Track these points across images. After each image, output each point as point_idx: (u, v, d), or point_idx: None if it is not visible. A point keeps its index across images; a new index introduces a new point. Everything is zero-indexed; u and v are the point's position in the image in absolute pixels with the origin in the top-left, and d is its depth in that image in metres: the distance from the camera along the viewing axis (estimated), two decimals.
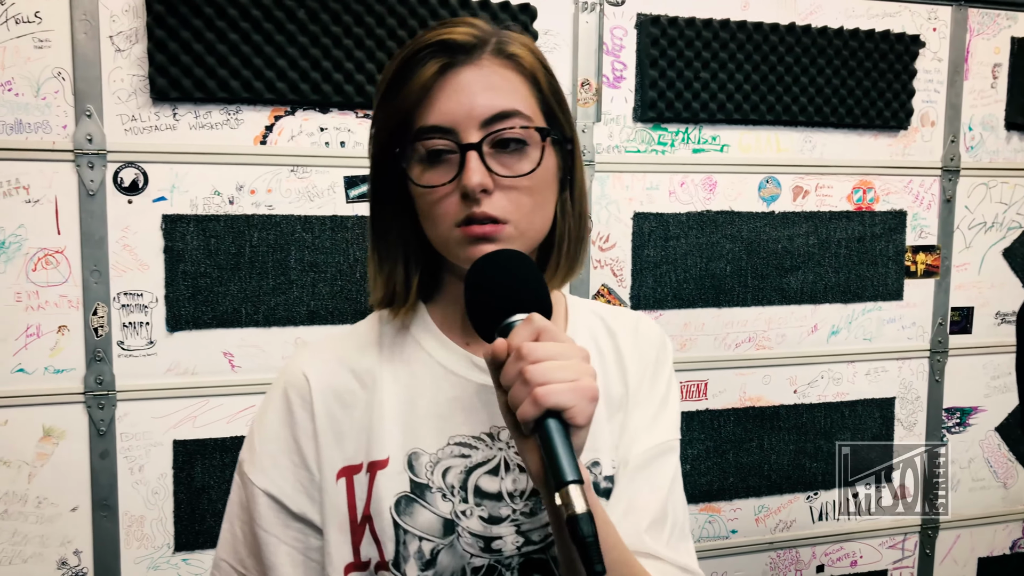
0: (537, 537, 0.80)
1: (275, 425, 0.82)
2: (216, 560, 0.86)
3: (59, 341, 1.77)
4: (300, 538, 0.81)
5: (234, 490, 0.86)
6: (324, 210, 1.90)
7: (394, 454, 0.79)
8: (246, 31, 1.79)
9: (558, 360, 0.64)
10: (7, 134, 1.71)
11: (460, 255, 0.75)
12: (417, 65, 0.73)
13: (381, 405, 0.81)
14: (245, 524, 0.83)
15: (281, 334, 1.89)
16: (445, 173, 0.74)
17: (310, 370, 0.82)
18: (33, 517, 1.77)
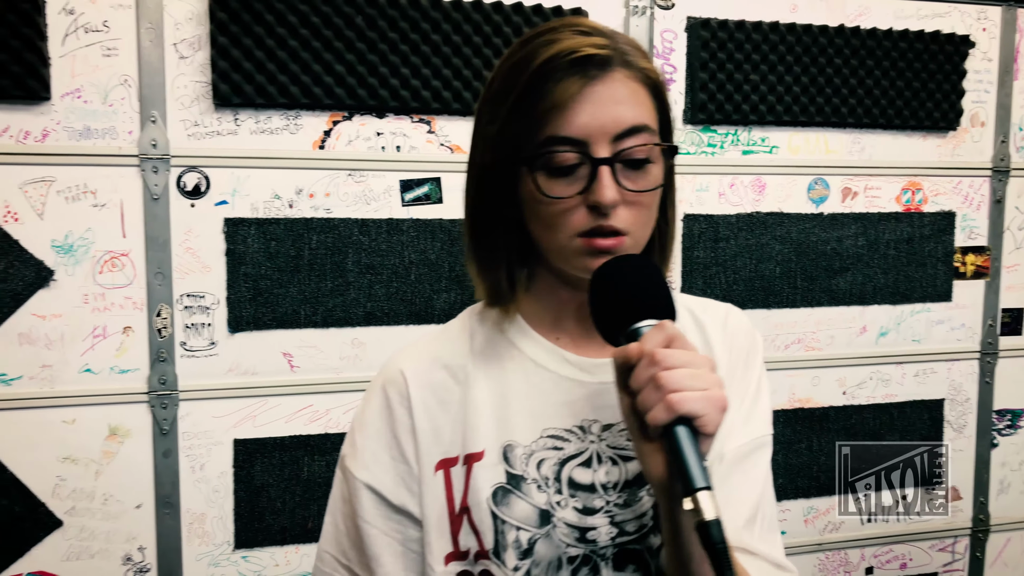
0: (631, 528, 0.81)
1: (375, 421, 0.85)
2: (320, 552, 0.90)
3: (124, 342, 1.81)
4: (400, 530, 0.84)
5: (336, 484, 0.89)
6: (380, 213, 1.93)
7: (489, 446, 0.82)
8: (306, 38, 1.82)
9: (689, 368, 0.66)
10: (76, 140, 1.75)
11: (578, 264, 0.77)
12: (555, 75, 0.74)
13: (475, 399, 0.83)
14: (347, 517, 0.86)
15: (339, 335, 1.92)
16: (571, 184, 0.75)
17: (407, 368, 0.85)
18: (100, 514, 1.81)
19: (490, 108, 0.79)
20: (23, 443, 1.76)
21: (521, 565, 0.79)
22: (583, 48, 0.74)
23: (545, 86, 0.74)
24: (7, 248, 1.73)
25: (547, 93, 0.73)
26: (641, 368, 0.67)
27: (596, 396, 0.83)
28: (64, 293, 1.77)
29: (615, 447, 0.82)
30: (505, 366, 0.85)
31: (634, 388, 0.68)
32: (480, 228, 0.83)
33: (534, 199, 0.77)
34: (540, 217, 0.78)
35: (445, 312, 1.97)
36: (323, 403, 1.92)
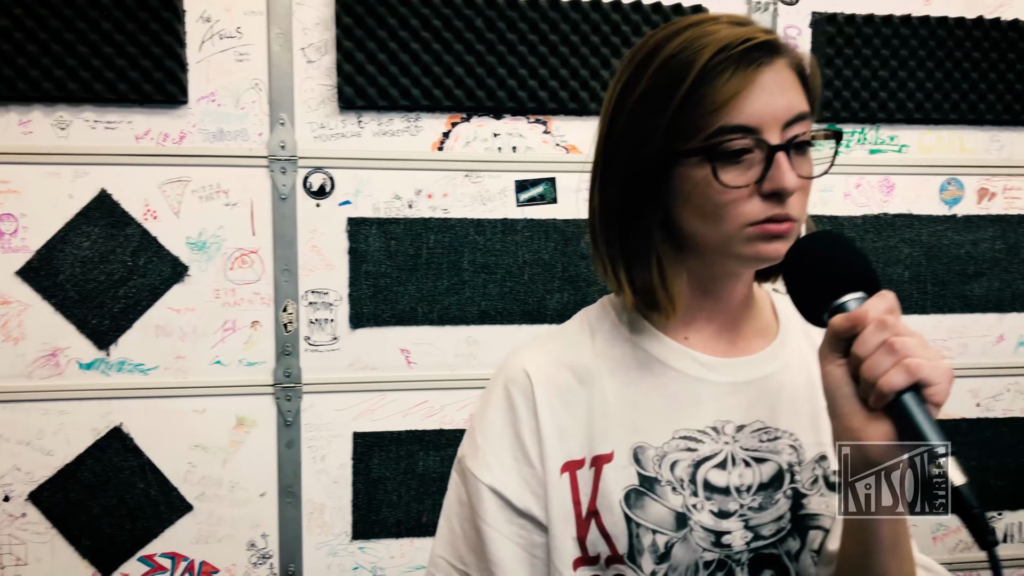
0: (767, 532, 0.79)
1: (497, 422, 0.83)
2: (433, 557, 0.87)
3: (252, 336, 1.88)
4: (524, 534, 0.82)
5: (452, 486, 0.87)
6: (496, 213, 1.94)
7: (619, 448, 0.80)
8: (427, 40, 1.85)
9: (916, 338, 0.65)
10: (210, 142, 1.83)
11: (746, 252, 0.75)
12: (727, 64, 0.72)
13: (601, 400, 0.81)
14: (466, 520, 0.84)
15: (454, 333, 1.94)
16: (744, 173, 0.73)
17: (531, 367, 0.83)
18: (227, 500, 1.89)
19: (641, 104, 0.77)
20: (158, 430, 1.86)
21: (658, 570, 0.77)
22: (756, 35, 0.73)
23: (719, 76, 0.72)
24: (147, 244, 1.82)
25: (721, 82, 0.72)
26: (870, 333, 0.65)
27: (728, 396, 0.81)
28: (197, 288, 1.85)
29: (749, 448, 0.80)
30: (631, 366, 0.83)
31: (861, 354, 0.65)
32: (627, 226, 0.81)
33: (699, 191, 0.75)
34: (703, 208, 0.75)
35: (558, 312, 1.96)
36: (438, 399, 1.95)
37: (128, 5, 1.75)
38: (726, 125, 0.72)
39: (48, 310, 1.80)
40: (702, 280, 0.82)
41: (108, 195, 1.80)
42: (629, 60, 0.80)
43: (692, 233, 0.78)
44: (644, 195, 0.79)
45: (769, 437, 0.81)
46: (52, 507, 1.83)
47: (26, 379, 1.80)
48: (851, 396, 0.67)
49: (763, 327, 0.87)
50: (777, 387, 0.83)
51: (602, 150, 0.82)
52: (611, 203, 0.81)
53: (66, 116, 1.78)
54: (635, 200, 0.79)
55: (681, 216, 0.78)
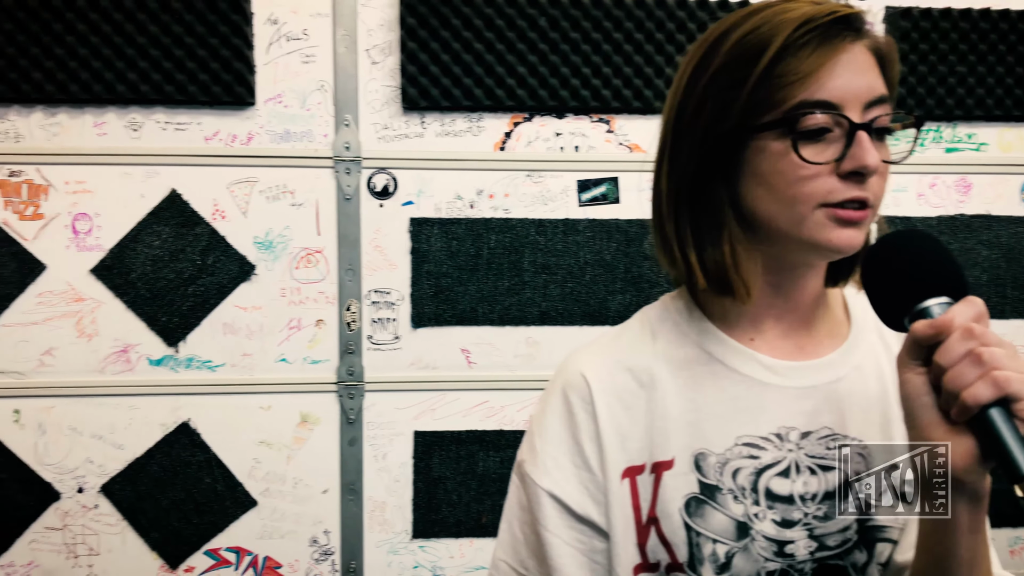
0: (833, 543, 0.76)
1: (555, 426, 0.82)
2: (495, 560, 0.87)
3: (316, 334, 1.90)
4: (584, 540, 0.81)
5: (512, 491, 0.86)
6: (557, 213, 1.93)
7: (679, 454, 0.78)
8: (490, 41, 1.85)
9: (1005, 348, 0.62)
10: (277, 143, 1.86)
11: (818, 237, 0.72)
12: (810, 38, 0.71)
13: (663, 405, 0.80)
14: (526, 525, 0.83)
15: (514, 333, 1.94)
16: (822, 151, 0.71)
17: (589, 371, 0.82)
18: (290, 497, 1.92)
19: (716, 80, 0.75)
20: (225, 426, 1.89)
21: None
22: (840, 9, 0.71)
23: (801, 49, 0.70)
24: (215, 243, 1.86)
25: (804, 55, 0.70)
26: (955, 341, 0.62)
27: (793, 401, 0.78)
28: (264, 287, 1.88)
29: (814, 456, 0.78)
30: (693, 369, 0.81)
31: (945, 363, 0.63)
32: (697, 205, 0.78)
33: (774, 167, 0.72)
34: (777, 186, 0.73)
35: (619, 314, 1.94)
36: (498, 400, 1.94)
37: (198, 8, 1.78)
38: (807, 100, 0.70)
39: (120, 307, 1.85)
40: (773, 272, 0.79)
41: (178, 195, 1.84)
42: (701, 43, 0.78)
43: (763, 215, 0.75)
44: (716, 173, 0.76)
45: (836, 444, 0.79)
46: (123, 499, 1.88)
47: (99, 374, 1.85)
48: (931, 407, 0.65)
49: (834, 328, 0.84)
50: (846, 392, 0.80)
51: (671, 131, 0.80)
52: (681, 182, 0.79)
53: (138, 118, 1.82)
54: (706, 178, 0.77)
55: (753, 196, 0.75)
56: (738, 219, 0.77)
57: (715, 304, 0.82)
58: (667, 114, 0.81)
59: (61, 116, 1.80)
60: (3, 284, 1.81)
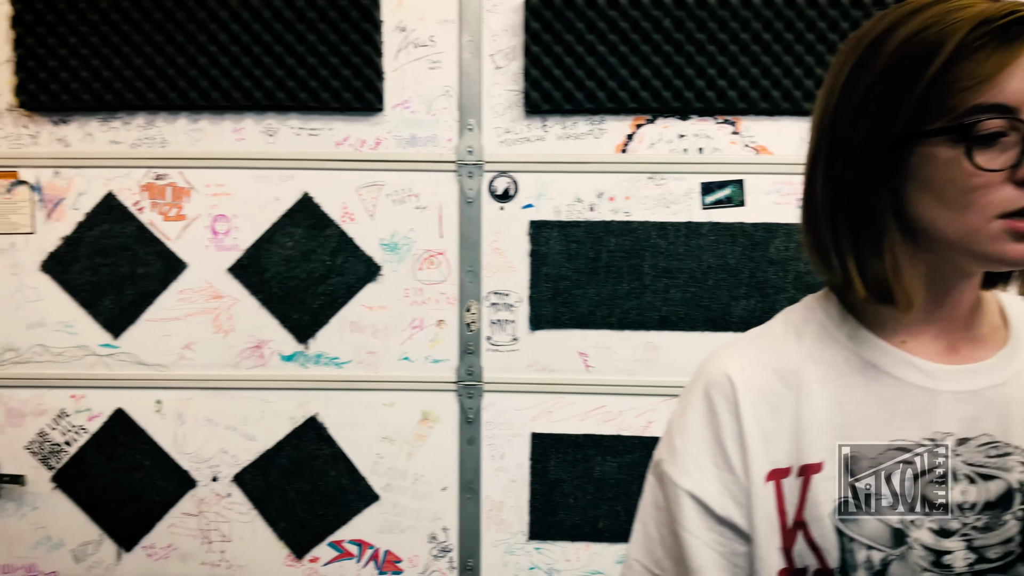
0: (994, 555, 0.73)
1: (697, 426, 0.82)
2: (628, 560, 0.87)
3: (437, 334, 1.94)
4: (724, 542, 0.80)
5: (648, 490, 0.86)
6: (679, 216, 1.90)
7: (828, 458, 0.76)
8: (614, 43, 1.84)
9: None
10: (403, 147, 1.91)
11: (990, 251, 0.70)
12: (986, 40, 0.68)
13: (810, 407, 0.78)
14: (663, 525, 0.83)
15: (632, 338, 1.92)
16: (997, 156, 0.68)
17: (733, 371, 0.81)
18: (411, 492, 1.96)
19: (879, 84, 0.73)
20: (350, 421, 1.95)
21: None
22: (1019, 10, 0.68)
23: (978, 51, 0.68)
24: (344, 245, 1.92)
25: (980, 58, 0.68)
26: None
27: (950, 406, 0.75)
28: (388, 287, 1.93)
29: (973, 464, 0.74)
30: (842, 371, 0.78)
31: None
32: (857, 212, 0.76)
33: (943, 174, 0.70)
34: (946, 195, 0.70)
35: (743, 320, 1.90)
36: (616, 404, 1.93)
37: (331, 18, 1.84)
38: (983, 104, 0.68)
39: (255, 305, 1.93)
40: (932, 278, 0.76)
41: (310, 198, 1.91)
42: (857, 42, 0.76)
43: (929, 224, 0.73)
44: (877, 179, 0.74)
45: (998, 452, 0.75)
46: (253, 489, 1.96)
47: (233, 368, 1.94)
48: None
49: (990, 333, 0.81)
50: (1008, 399, 0.76)
51: (826, 135, 0.78)
52: (838, 189, 0.77)
53: (274, 124, 1.90)
54: (867, 185, 0.75)
55: (918, 204, 0.73)
56: (900, 227, 0.75)
57: (866, 305, 0.80)
58: (819, 116, 0.79)
59: (203, 122, 1.90)
60: (148, 281, 1.92)
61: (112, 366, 1.94)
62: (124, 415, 1.94)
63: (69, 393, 1.94)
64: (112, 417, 1.94)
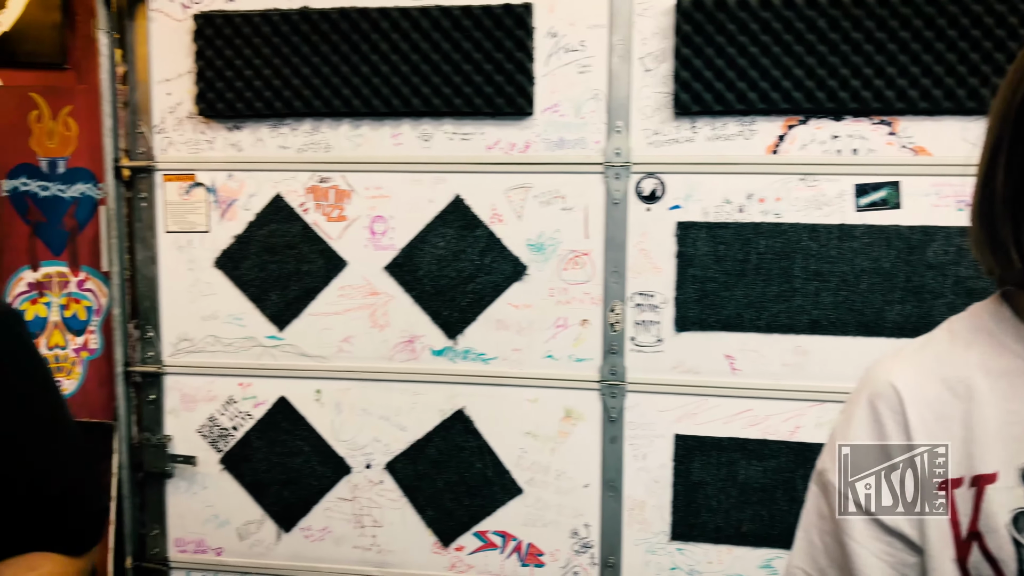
0: None
1: (862, 437, 0.81)
2: (790, 568, 0.87)
3: (581, 333, 1.97)
4: (893, 552, 0.79)
5: (812, 499, 0.86)
6: (831, 219, 1.87)
7: (1003, 468, 0.74)
8: (766, 44, 1.83)
9: None
10: (551, 150, 1.95)
11: None
12: None
13: (982, 416, 0.76)
14: (827, 534, 0.83)
15: (781, 341, 1.90)
16: None
17: (899, 381, 0.80)
18: (553, 488, 2.00)
19: None
20: (496, 416, 2.01)
21: None
22: None
23: None
24: (492, 245, 1.98)
25: None
26: None
27: None
28: (534, 286, 1.98)
29: None
30: (1015, 381, 0.76)
31: None
32: None
33: None
34: None
35: (898, 325, 1.85)
36: (763, 408, 1.91)
37: (486, 26, 1.91)
38: None
39: (408, 301, 2.02)
40: None
41: (461, 200, 1.98)
42: None
43: None
44: None
45: None
46: (404, 477, 2.05)
47: (388, 361, 2.04)
48: None
49: None
50: None
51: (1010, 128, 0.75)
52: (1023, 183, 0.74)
53: (429, 129, 1.98)
54: None
55: None
56: None
57: None
58: (1001, 109, 0.77)
59: (364, 128, 2.00)
60: (311, 278, 2.04)
61: (277, 357, 2.07)
62: (286, 403, 2.07)
63: (237, 381, 2.09)
64: (275, 404, 2.07)
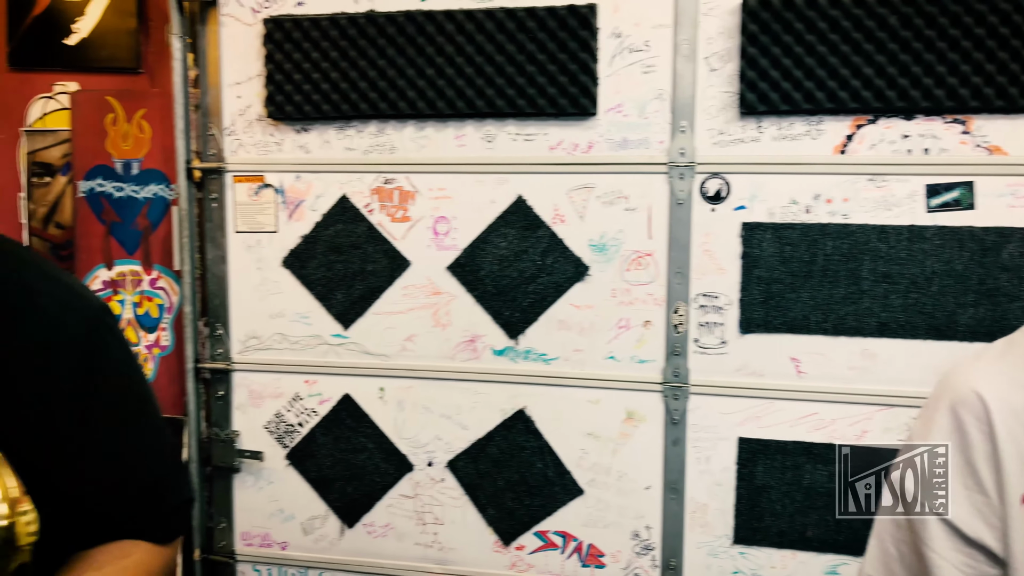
0: None
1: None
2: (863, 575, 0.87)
3: (643, 335, 1.97)
4: (973, 564, 0.78)
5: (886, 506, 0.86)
6: (901, 219, 1.84)
7: None
8: (835, 42, 1.81)
9: None
10: (614, 151, 1.95)
11: None
12: None
13: None
14: (903, 543, 0.82)
15: (848, 344, 1.87)
16: None
17: (984, 388, 0.78)
18: (614, 489, 2.00)
19: None
20: (557, 416, 2.01)
21: None
22: None
23: None
24: (554, 246, 1.99)
25: None
26: None
27: None
28: (596, 287, 1.98)
29: None
30: None
31: None
32: None
33: None
34: None
35: (971, 329, 1.81)
36: (829, 412, 1.89)
37: (550, 27, 1.92)
38: None
39: (470, 301, 2.03)
40: None
41: (524, 200, 1.99)
42: None
43: None
44: None
45: None
46: (465, 476, 2.06)
47: (449, 360, 2.06)
48: None
49: None
50: None
51: None
52: None
53: (493, 130, 2.00)
54: None
55: None
56: None
57: None
58: None
59: (428, 130, 2.03)
60: (375, 277, 2.07)
61: (341, 355, 2.10)
62: (351, 400, 2.10)
63: (303, 378, 2.13)
64: (340, 402, 2.11)
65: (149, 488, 0.97)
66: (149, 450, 0.98)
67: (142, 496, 0.96)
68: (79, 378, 0.87)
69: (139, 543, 0.96)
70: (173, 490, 1.01)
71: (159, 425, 1.02)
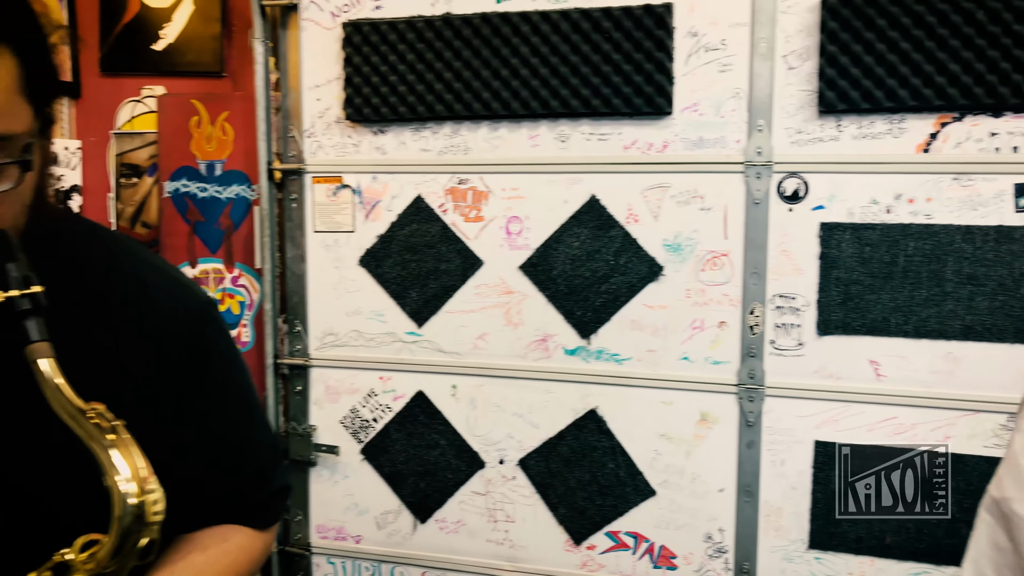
0: None
1: None
2: None
3: (718, 336, 1.95)
4: None
5: (985, 528, 0.82)
6: (988, 220, 1.79)
7: None
8: (919, 39, 1.77)
9: None
10: (690, 150, 1.94)
11: None
12: None
13: None
14: (1005, 567, 0.79)
15: (930, 347, 1.83)
16: None
17: None
18: (687, 491, 1.98)
19: None
20: (629, 417, 2.01)
21: None
22: None
23: None
24: (627, 245, 1.99)
25: None
26: None
27: None
28: (670, 287, 1.97)
29: None
30: None
31: None
32: None
33: None
34: None
35: None
36: (909, 417, 1.85)
37: (625, 27, 1.92)
38: None
39: (542, 301, 2.05)
40: None
41: (597, 200, 2.00)
42: None
43: None
44: None
45: None
46: (536, 474, 2.07)
47: (521, 359, 2.07)
48: None
49: None
50: None
51: None
52: None
53: (566, 130, 2.01)
54: None
55: None
56: None
57: None
58: None
59: (502, 130, 2.05)
60: (449, 276, 2.09)
61: (415, 352, 2.14)
62: (424, 397, 2.13)
63: (378, 375, 2.17)
64: (414, 398, 2.14)
65: (254, 474, 1.00)
66: (254, 438, 1.01)
67: (248, 482, 0.99)
68: (190, 367, 0.91)
69: (240, 528, 1.00)
70: (273, 477, 1.04)
71: (262, 414, 1.06)
